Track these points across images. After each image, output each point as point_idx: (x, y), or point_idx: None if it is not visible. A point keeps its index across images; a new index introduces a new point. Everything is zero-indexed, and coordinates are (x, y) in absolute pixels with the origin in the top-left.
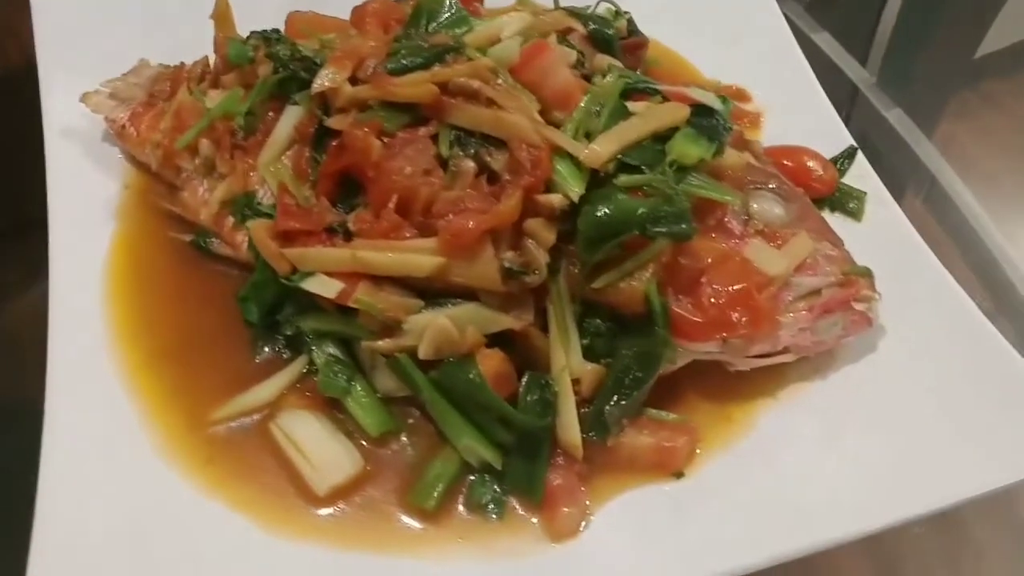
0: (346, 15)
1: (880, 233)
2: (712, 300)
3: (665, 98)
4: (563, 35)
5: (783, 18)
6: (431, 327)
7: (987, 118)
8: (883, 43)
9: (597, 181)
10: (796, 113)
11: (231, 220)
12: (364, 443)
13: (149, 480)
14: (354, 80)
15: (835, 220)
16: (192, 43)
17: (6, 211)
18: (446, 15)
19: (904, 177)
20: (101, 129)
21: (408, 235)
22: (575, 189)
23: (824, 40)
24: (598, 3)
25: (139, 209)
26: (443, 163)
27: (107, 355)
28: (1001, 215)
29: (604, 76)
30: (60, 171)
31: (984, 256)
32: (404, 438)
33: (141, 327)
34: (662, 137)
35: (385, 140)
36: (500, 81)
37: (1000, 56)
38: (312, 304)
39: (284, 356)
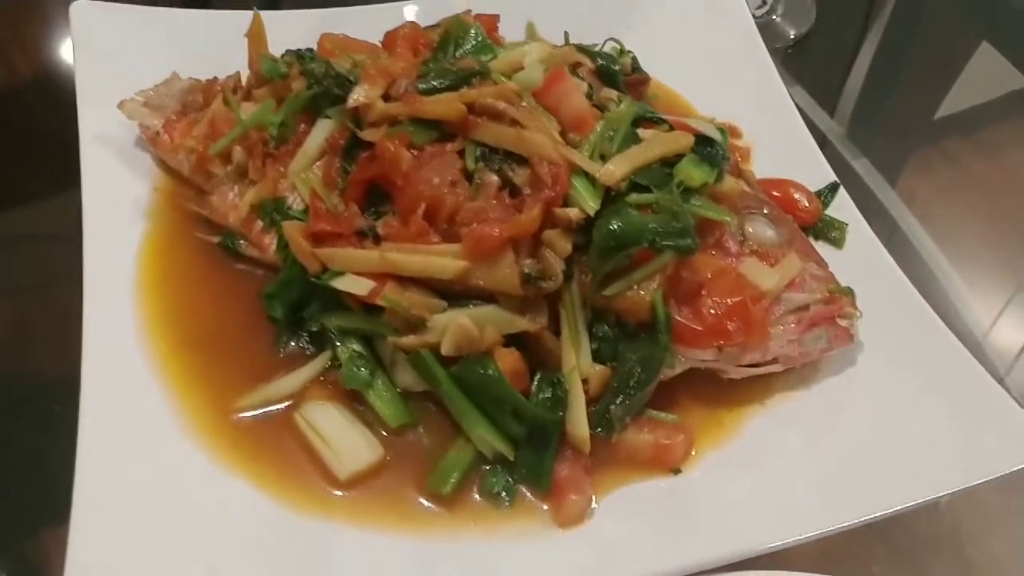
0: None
1: (859, 260)
2: (710, 311)
3: (671, 127)
4: (573, 69)
5: (772, 62)
6: (453, 325)
7: (946, 175)
8: (852, 98)
9: (609, 198)
10: (782, 149)
11: (259, 224)
12: (383, 433)
13: (176, 459)
14: (386, 98)
15: (818, 247)
16: (222, 61)
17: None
18: (472, 43)
19: (869, 223)
20: (132, 136)
21: (434, 241)
22: (591, 204)
23: (796, 92)
24: (605, 42)
25: (168, 211)
26: (468, 176)
27: (137, 345)
28: (960, 267)
29: (619, 105)
30: (93, 174)
31: (943, 301)
32: (421, 430)
33: (169, 320)
34: (668, 162)
35: (414, 153)
36: (524, 103)
37: (961, 116)
38: (337, 302)
39: (307, 352)
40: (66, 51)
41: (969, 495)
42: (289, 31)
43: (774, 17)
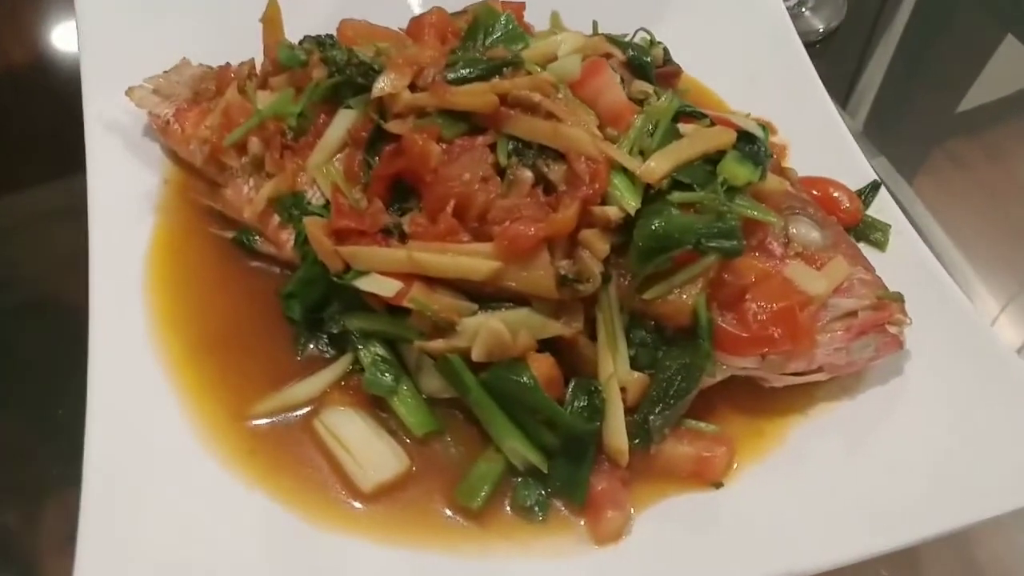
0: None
1: (903, 263)
2: (755, 316)
3: (712, 122)
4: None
5: (806, 55)
6: (485, 329)
7: (951, 177)
8: (869, 95)
9: (650, 197)
10: (818, 146)
11: (276, 219)
12: (408, 442)
13: (190, 469)
14: (412, 87)
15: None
16: (234, 45)
17: None
18: (502, 31)
19: None
20: (141, 125)
21: (464, 240)
22: (631, 203)
23: None
24: (636, 32)
25: (179, 204)
26: (500, 172)
27: (148, 346)
28: (976, 265)
29: (659, 98)
30: (100, 165)
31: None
32: (448, 439)
33: (182, 320)
34: (710, 159)
35: (443, 147)
36: (560, 95)
37: (969, 116)
38: (359, 303)
39: (327, 355)
40: (67, 29)
41: None
42: (306, 15)
43: (804, 10)
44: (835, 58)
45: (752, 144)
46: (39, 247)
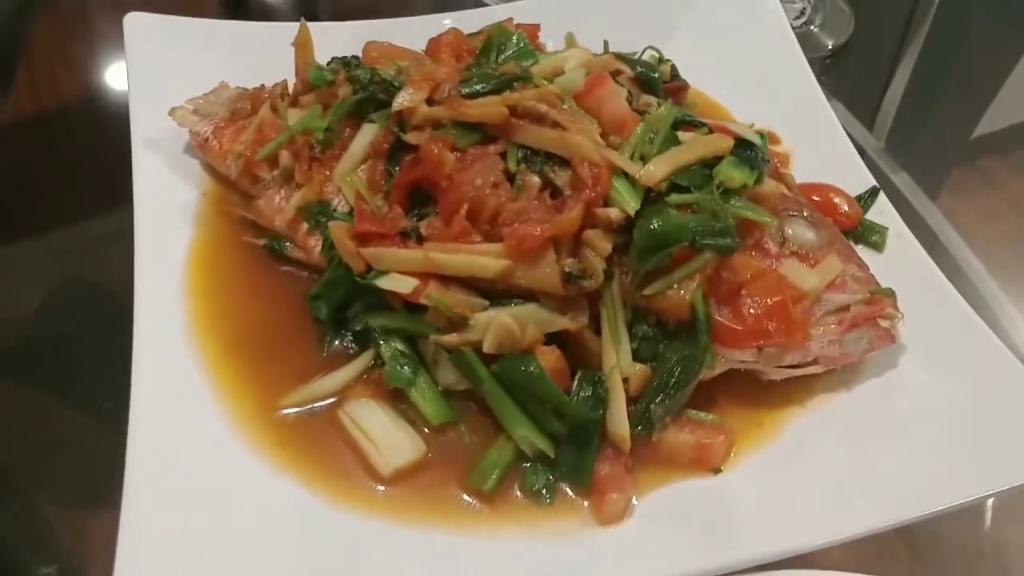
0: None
1: (901, 264)
2: (750, 311)
3: (711, 130)
4: (613, 76)
5: (810, 70)
6: (495, 324)
7: (984, 196)
8: (891, 110)
9: (650, 199)
10: (822, 155)
11: (305, 226)
12: (426, 431)
13: (224, 457)
14: (429, 102)
15: (859, 251)
16: (268, 71)
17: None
18: (513, 48)
19: None
20: (182, 143)
21: (476, 241)
22: (632, 204)
23: (834, 107)
24: (644, 50)
25: (215, 215)
26: (510, 178)
27: (186, 345)
28: (1003, 282)
29: (659, 107)
30: (144, 180)
31: (987, 315)
32: (462, 428)
33: (217, 321)
34: (708, 164)
35: (457, 155)
36: (565, 106)
37: (999, 135)
38: (381, 302)
39: (351, 351)
40: (114, 64)
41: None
42: (334, 42)
43: (812, 27)
44: (850, 74)
45: (749, 150)
46: (91, 258)
